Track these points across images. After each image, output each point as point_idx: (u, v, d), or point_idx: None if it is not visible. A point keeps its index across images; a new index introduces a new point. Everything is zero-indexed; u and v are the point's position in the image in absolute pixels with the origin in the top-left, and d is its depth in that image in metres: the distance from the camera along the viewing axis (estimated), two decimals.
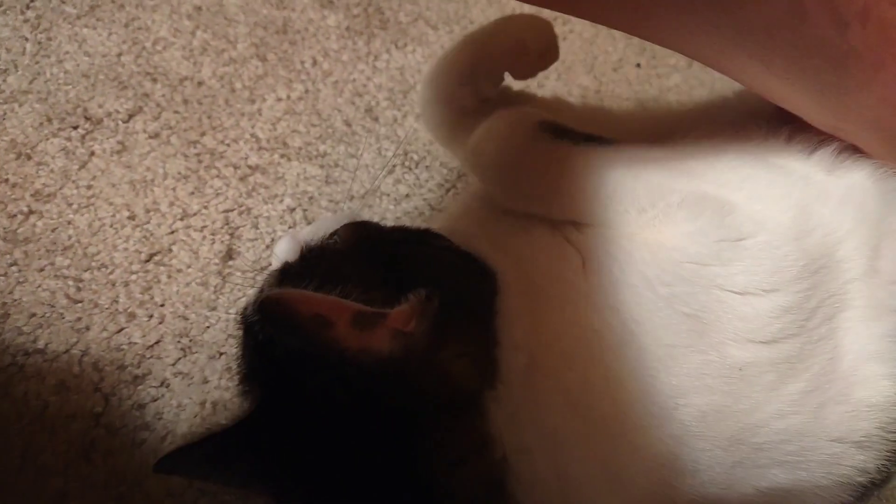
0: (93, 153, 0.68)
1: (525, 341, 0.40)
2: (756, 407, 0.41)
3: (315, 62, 0.78)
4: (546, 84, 0.79)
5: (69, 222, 0.62)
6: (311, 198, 0.66)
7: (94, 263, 0.60)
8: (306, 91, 0.75)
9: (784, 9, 0.35)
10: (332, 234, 0.45)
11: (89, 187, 0.65)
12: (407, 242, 0.45)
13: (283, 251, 0.45)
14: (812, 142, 0.46)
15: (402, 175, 0.70)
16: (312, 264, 0.43)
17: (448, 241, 0.44)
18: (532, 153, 0.46)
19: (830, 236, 0.43)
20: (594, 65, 0.80)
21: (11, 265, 0.60)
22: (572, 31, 0.82)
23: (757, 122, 0.46)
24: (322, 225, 0.47)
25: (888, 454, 0.44)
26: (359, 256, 0.43)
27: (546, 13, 0.48)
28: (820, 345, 0.42)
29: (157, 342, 0.56)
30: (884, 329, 0.43)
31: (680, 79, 0.80)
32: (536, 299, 0.43)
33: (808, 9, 0.34)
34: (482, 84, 0.54)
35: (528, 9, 0.84)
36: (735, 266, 0.42)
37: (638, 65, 0.80)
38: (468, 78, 0.54)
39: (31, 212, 0.63)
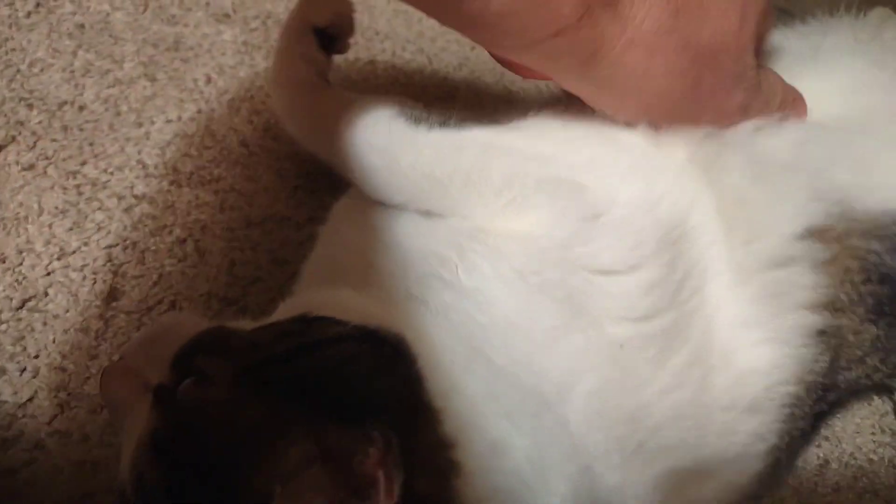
0: None
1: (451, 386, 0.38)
2: (645, 382, 0.41)
3: (209, 80, 0.73)
4: (457, 95, 0.77)
5: None
6: (203, 227, 0.62)
7: None
8: (199, 111, 0.70)
9: None
10: (186, 362, 0.38)
11: None
12: (299, 355, 0.37)
13: (120, 391, 0.40)
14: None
15: (306, 198, 0.66)
16: (197, 433, 0.35)
17: (339, 327, 0.39)
18: (391, 139, 0.47)
19: (677, 205, 0.44)
20: (504, 73, 0.78)
21: None
22: None
23: None
24: (161, 341, 0.40)
25: (780, 417, 0.45)
26: (253, 402, 0.35)
27: None
28: (694, 316, 0.43)
29: (30, 399, 0.51)
30: (751, 292, 0.44)
31: None
32: (427, 323, 0.41)
33: None
34: (312, 52, 0.55)
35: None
36: (596, 244, 0.42)
37: None
38: (300, 44, 0.55)
39: None
